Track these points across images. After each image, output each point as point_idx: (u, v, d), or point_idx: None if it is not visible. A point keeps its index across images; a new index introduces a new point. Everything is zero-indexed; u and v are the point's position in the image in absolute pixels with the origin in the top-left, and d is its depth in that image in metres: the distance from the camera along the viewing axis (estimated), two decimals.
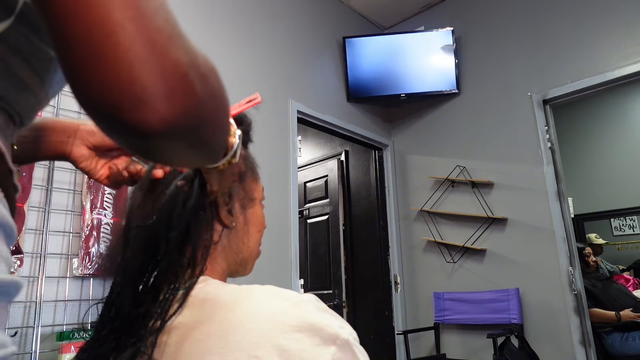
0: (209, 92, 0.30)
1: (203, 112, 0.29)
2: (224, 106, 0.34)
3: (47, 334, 1.50)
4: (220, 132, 0.35)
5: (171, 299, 0.45)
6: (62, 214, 1.62)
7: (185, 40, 0.29)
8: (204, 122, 0.30)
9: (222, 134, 0.37)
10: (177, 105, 0.26)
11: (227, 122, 0.36)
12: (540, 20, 2.88)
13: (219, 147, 0.38)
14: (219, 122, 0.33)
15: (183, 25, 0.30)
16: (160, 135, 0.27)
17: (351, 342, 0.42)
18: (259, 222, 0.62)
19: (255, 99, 0.56)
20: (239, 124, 0.61)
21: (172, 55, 0.26)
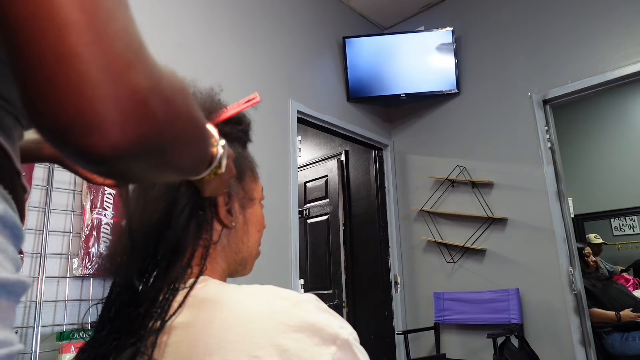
0: (174, 115, 0.30)
1: (165, 135, 0.29)
2: (195, 125, 0.34)
3: (47, 334, 1.50)
4: (192, 150, 0.35)
5: (171, 299, 0.45)
6: (62, 214, 1.62)
7: (148, 64, 0.28)
8: (168, 145, 0.30)
9: (196, 152, 0.37)
10: (130, 132, 0.26)
11: (200, 139, 0.36)
12: (540, 20, 2.88)
13: (193, 163, 0.38)
14: (187, 142, 0.33)
15: (181, 24, 0.30)
16: (112, 160, 0.26)
17: (351, 342, 0.42)
18: (258, 222, 0.62)
19: (254, 98, 0.56)
20: (238, 123, 0.61)
21: (129, 82, 0.26)
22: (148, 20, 2.09)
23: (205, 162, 0.41)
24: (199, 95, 0.57)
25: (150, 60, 0.28)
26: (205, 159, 0.41)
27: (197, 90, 0.58)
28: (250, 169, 0.62)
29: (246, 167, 0.61)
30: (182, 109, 0.31)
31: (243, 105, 0.56)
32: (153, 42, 0.37)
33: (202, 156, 0.39)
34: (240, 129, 0.61)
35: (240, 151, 0.61)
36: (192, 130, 0.34)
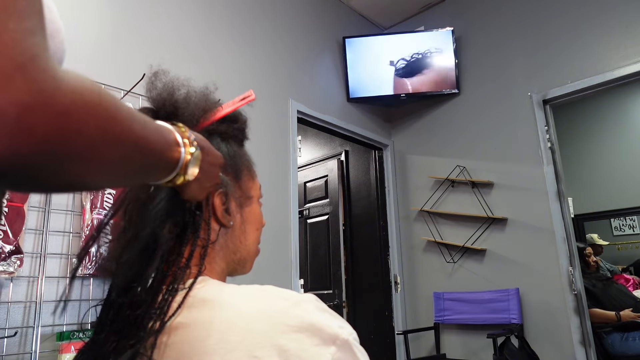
0: (71, 130, 0.29)
1: (58, 150, 0.28)
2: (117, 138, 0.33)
3: (47, 334, 1.50)
4: (118, 163, 0.34)
5: (170, 299, 0.45)
6: (62, 214, 1.62)
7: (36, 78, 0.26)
8: (67, 159, 0.29)
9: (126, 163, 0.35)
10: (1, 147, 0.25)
11: (133, 150, 0.35)
12: (540, 20, 2.88)
13: (130, 174, 0.37)
14: (97, 159, 0.32)
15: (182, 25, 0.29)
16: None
17: (351, 342, 0.42)
18: (256, 220, 0.62)
19: (249, 96, 0.56)
20: (234, 122, 0.61)
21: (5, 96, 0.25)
22: (148, 21, 2.09)
23: (159, 170, 0.40)
24: (194, 95, 0.57)
25: (40, 73, 0.26)
26: (152, 168, 0.39)
27: (192, 90, 0.57)
28: (247, 168, 0.62)
29: (243, 165, 0.61)
30: (89, 125, 0.30)
31: (238, 103, 0.56)
32: (153, 42, 0.37)
33: (146, 166, 0.38)
34: (236, 127, 0.61)
35: (237, 150, 0.61)
36: (109, 147, 0.32)
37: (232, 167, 0.59)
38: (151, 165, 0.39)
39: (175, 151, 0.41)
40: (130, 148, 0.35)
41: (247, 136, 0.65)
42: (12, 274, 1.43)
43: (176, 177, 0.43)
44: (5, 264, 1.41)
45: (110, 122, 0.32)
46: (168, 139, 0.41)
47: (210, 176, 0.48)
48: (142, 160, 0.37)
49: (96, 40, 1.88)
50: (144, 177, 0.40)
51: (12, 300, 1.46)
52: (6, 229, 1.43)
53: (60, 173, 0.30)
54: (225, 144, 0.59)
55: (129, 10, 2.03)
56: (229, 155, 0.59)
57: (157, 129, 0.39)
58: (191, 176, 0.43)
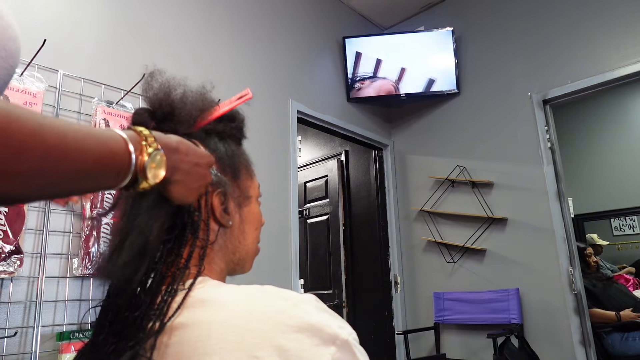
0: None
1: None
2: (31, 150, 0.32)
3: (47, 334, 1.50)
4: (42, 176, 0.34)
5: (170, 300, 0.45)
6: (62, 214, 1.62)
7: None
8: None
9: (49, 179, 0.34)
10: None
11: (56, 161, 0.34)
12: (540, 20, 2.88)
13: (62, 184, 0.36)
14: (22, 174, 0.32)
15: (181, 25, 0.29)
16: None
17: (351, 342, 0.42)
18: (256, 220, 0.62)
19: (246, 95, 0.56)
20: (231, 120, 0.60)
21: None
22: (148, 21, 2.09)
23: (104, 177, 0.39)
24: (190, 94, 0.57)
25: None
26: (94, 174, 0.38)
27: (188, 89, 0.57)
28: (246, 167, 0.62)
29: (241, 165, 0.61)
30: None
31: (235, 102, 0.56)
32: (153, 42, 0.36)
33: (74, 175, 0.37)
34: (233, 126, 0.61)
35: (235, 149, 0.60)
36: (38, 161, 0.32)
37: (230, 167, 0.58)
38: (87, 172, 0.38)
39: (121, 156, 0.40)
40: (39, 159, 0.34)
41: (245, 135, 0.64)
42: (12, 274, 1.43)
43: (137, 182, 0.41)
44: (5, 264, 1.41)
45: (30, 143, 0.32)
46: (107, 144, 0.39)
47: (196, 177, 0.47)
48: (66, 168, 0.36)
49: (96, 40, 1.88)
50: (89, 184, 0.39)
51: (12, 300, 1.46)
52: (6, 229, 1.43)
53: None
54: (223, 144, 0.59)
55: (129, 10, 2.03)
56: (227, 155, 0.58)
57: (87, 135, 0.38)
58: (156, 179, 0.42)
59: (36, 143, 0.33)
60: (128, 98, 1.83)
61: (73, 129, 0.36)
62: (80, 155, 0.37)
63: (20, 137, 0.32)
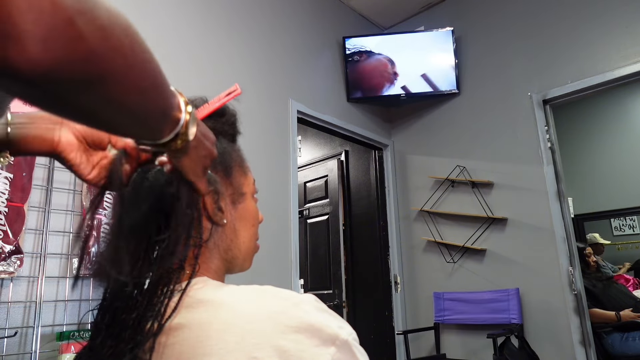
0: (111, 46, 0.29)
1: (98, 64, 0.28)
2: (143, 67, 0.33)
3: (47, 334, 1.50)
4: (140, 95, 0.34)
5: (166, 301, 0.45)
6: (62, 214, 1.62)
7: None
8: (103, 76, 0.29)
9: (145, 98, 0.35)
10: (53, 49, 0.25)
11: (152, 86, 0.35)
12: (540, 20, 2.88)
13: (144, 111, 0.36)
14: (131, 82, 0.32)
15: (180, 25, 0.29)
16: (34, 78, 0.25)
17: (350, 343, 0.42)
18: (252, 217, 0.61)
19: (235, 90, 0.55)
20: (221, 116, 0.60)
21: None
22: (146, 21, 2.09)
23: (163, 120, 0.40)
24: None
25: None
26: (163, 114, 0.39)
27: None
28: (239, 164, 0.61)
29: (233, 161, 0.60)
30: (124, 44, 0.30)
31: (224, 98, 0.56)
32: (151, 42, 0.36)
33: (157, 108, 0.38)
34: (223, 121, 0.60)
35: (226, 146, 0.59)
36: (139, 72, 0.33)
37: (221, 164, 0.57)
38: (163, 111, 0.39)
39: (178, 109, 0.41)
40: (152, 82, 0.35)
41: (238, 131, 0.63)
42: (12, 274, 1.43)
43: (177, 138, 0.42)
44: (5, 264, 1.41)
45: (140, 48, 0.32)
46: (174, 95, 0.41)
47: (204, 146, 0.47)
48: (158, 101, 0.37)
49: None
50: (155, 124, 0.39)
51: (12, 300, 1.46)
52: (6, 229, 1.43)
53: (90, 92, 0.29)
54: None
55: (126, 10, 2.02)
56: (218, 153, 0.57)
57: (167, 81, 0.39)
58: (192, 135, 0.43)
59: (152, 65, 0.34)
60: None
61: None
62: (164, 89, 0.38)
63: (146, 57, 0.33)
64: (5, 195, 1.45)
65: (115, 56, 0.29)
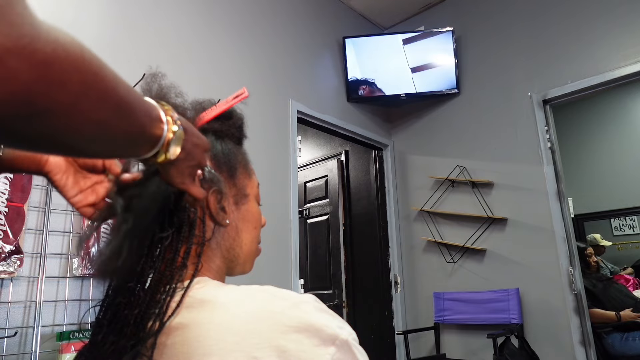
0: (50, 82, 0.27)
1: (37, 101, 0.27)
2: (99, 98, 0.32)
3: (47, 334, 1.50)
4: (95, 124, 0.32)
5: (168, 299, 0.45)
6: (62, 214, 1.62)
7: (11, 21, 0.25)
8: (46, 111, 0.28)
9: (102, 127, 0.33)
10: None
11: (111, 114, 0.33)
12: (540, 20, 2.88)
13: (103, 138, 0.35)
14: (80, 115, 0.30)
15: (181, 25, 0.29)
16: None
17: (350, 343, 0.42)
18: (254, 219, 0.61)
19: (242, 93, 0.56)
20: (228, 118, 0.60)
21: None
22: (147, 22, 2.09)
23: (136, 142, 0.39)
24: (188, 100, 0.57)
25: (18, 17, 0.25)
26: (137, 134, 0.38)
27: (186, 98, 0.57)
28: (243, 165, 0.61)
29: (238, 163, 0.60)
30: (71, 78, 0.29)
31: (232, 101, 0.56)
32: (152, 43, 0.36)
33: (124, 133, 0.36)
34: (230, 124, 0.60)
35: (231, 147, 0.60)
36: (93, 103, 0.31)
37: (225, 165, 0.58)
38: (133, 135, 0.38)
39: (158, 127, 0.40)
40: (113, 110, 0.33)
41: (244, 134, 0.64)
42: (12, 274, 1.43)
43: (158, 155, 0.41)
44: (5, 264, 1.41)
45: (94, 78, 0.31)
46: (151, 113, 0.40)
47: (193, 157, 0.46)
48: (124, 127, 0.36)
49: (95, 40, 1.87)
50: (125, 148, 0.39)
51: (12, 300, 1.46)
52: (6, 229, 1.43)
53: (38, 127, 0.28)
54: (219, 142, 0.59)
55: (128, 11, 2.03)
56: (223, 153, 0.58)
57: (141, 100, 0.38)
58: (173, 155, 0.42)
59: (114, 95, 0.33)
60: None
61: (127, 83, 0.36)
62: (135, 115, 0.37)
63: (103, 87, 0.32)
64: (5, 195, 1.45)
65: (59, 91, 0.28)
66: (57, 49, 0.28)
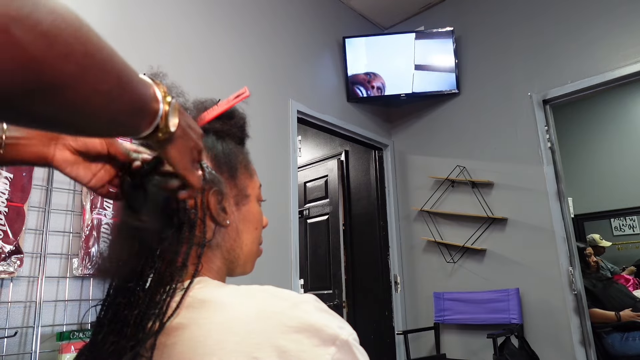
0: (56, 54, 0.27)
1: (45, 74, 0.27)
2: (102, 70, 0.31)
3: (47, 334, 1.50)
4: (100, 97, 0.32)
5: (168, 300, 0.45)
6: (62, 214, 1.62)
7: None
8: (53, 86, 0.28)
9: (106, 99, 0.33)
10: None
11: (113, 86, 0.33)
12: (540, 20, 2.88)
13: (107, 114, 0.34)
14: (86, 87, 0.30)
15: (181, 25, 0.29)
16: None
17: (351, 343, 0.42)
18: (255, 219, 0.61)
19: (243, 93, 0.56)
20: (229, 118, 0.60)
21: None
22: (146, 22, 2.09)
23: (139, 114, 0.39)
24: (189, 100, 0.57)
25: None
26: (136, 110, 0.38)
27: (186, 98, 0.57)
28: (245, 166, 0.61)
29: (239, 163, 0.60)
30: (74, 49, 0.28)
31: (233, 100, 0.56)
32: (152, 43, 0.36)
33: (126, 106, 0.36)
34: (232, 123, 0.60)
35: (232, 147, 0.60)
36: (97, 74, 0.31)
37: (226, 165, 0.58)
38: (135, 106, 0.37)
39: (154, 100, 0.40)
40: (115, 82, 0.33)
41: (246, 134, 0.64)
42: (12, 274, 1.43)
43: (158, 131, 0.41)
44: (5, 264, 1.41)
45: (95, 48, 0.30)
46: (145, 83, 0.39)
47: (189, 137, 0.46)
48: (126, 98, 0.35)
49: None
50: (128, 122, 0.38)
51: (12, 300, 1.46)
52: (6, 229, 1.43)
53: (42, 101, 0.28)
54: (220, 142, 0.59)
55: (128, 11, 2.03)
56: (223, 153, 0.58)
57: (136, 73, 0.38)
58: (173, 126, 0.42)
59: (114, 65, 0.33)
60: None
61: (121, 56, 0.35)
62: (134, 86, 0.36)
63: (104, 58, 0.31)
64: (5, 195, 1.45)
65: (65, 63, 0.28)
66: (57, 19, 0.27)
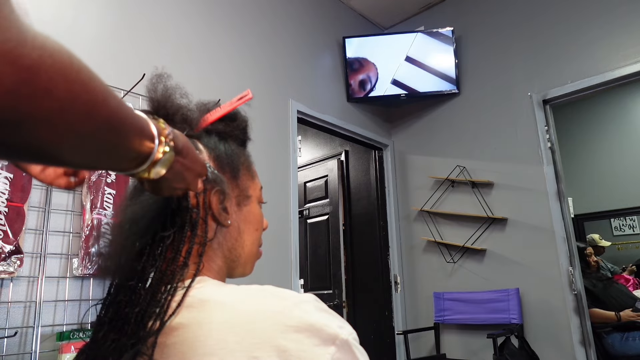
0: (39, 88, 0.27)
1: (20, 107, 0.26)
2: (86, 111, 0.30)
3: (47, 334, 1.50)
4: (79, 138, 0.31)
5: (169, 299, 0.45)
6: (62, 214, 1.62)
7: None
8: (34, 119, 0.27)
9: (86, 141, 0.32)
10: None
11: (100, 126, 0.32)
12: (540, 20, 2.88)
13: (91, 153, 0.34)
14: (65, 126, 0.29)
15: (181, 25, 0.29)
16: None
17: (351, 342, 0.42)
18: (256, 220, 0.61)
19: (246, 95, 0.56)
20: (232, 120, 0.61)
21: None
22: (147, 22, 2.09)
23: (127, 159, 0.38)
24: (192, 102, 0.57)
25: (4, 21, 0.25)
26: (124, 154, 0.37)
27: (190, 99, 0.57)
28: (247, 167, 0.62)
29: (241, 164, 0.61)
30: (58, 84, 0.28)
31: (236, 102, 0.56)
32: (152, 43, 0.36)
33: (115, 149, 0.35)
34: (235, 125, 0.61)
35: (235, 148, 0.61)
36: (80, 115, 0.30)
37: (228, 166, 0.58)
38: (120, 151, 0.37)
39: (148, 146, 0.39)
40: (101, 123, 0.32)
41: (248, 136, 0.64)
42: (12, 274, 1.43)
43: (142, 172, 0.41)
44: (5, 264, 1.41)
45: (82, 88, 0.30)
46: (143, 131, 0.38)
47: (182, 179, 0.45)
48: (112, 141, 0.35)
49: (96, 39, 1.88)
50: (110, 162, 0.38)
51: (12, 300, 1.46)
52: (6, 229, 1.43)
53: (21, 135, 0.27)
54: (223, 143, 0.59)
55: (128, 10, 2.03)
56: (226, 154, 0.59)
57: (133, 115, 0.37)
58: (155, 175, 0.41)
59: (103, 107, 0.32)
60: (128, 98, 1.83)
61: (118, 97, 0.35)
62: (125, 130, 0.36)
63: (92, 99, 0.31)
64: (5, 195, 1.45)
65: (44, 99, 0.27)
66: (44, 55, 0.27)
